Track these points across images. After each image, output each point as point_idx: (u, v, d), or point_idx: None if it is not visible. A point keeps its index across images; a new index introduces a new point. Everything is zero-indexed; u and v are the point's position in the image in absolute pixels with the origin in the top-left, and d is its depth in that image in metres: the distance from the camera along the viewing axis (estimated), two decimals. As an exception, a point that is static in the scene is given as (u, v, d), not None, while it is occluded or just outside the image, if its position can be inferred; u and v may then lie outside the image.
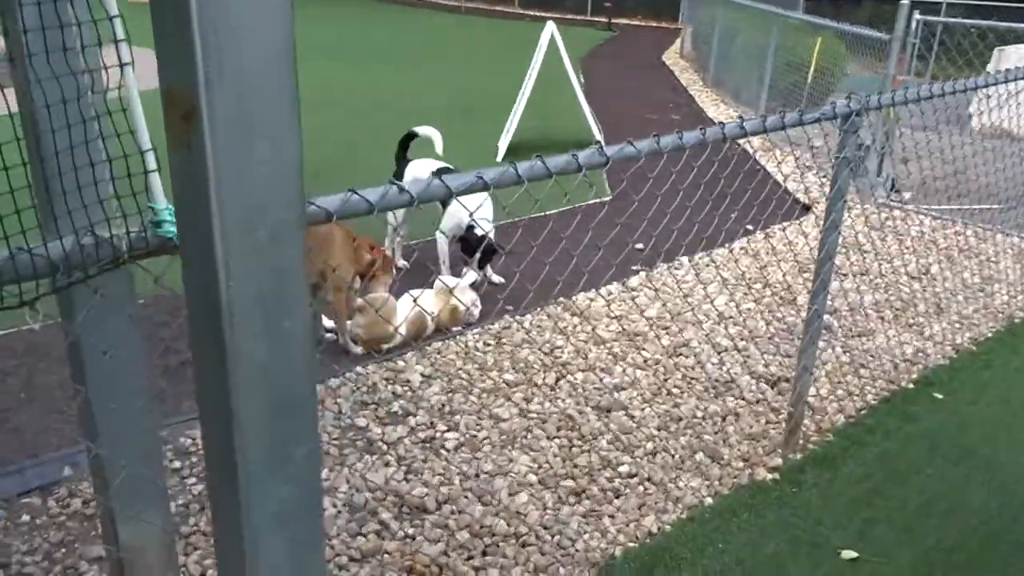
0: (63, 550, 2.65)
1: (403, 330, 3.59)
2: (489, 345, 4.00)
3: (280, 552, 1.20)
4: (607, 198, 6.12)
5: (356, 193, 1.51)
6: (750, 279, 4.77)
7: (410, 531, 2.72)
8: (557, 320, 4.22)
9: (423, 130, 4.85)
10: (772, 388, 3.62)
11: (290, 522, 1.19)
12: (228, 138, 0.94)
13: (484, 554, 2.64)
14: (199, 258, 1.02)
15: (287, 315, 1.09)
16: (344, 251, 3.85)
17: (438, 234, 4.75)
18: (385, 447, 3.17)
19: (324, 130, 7.82)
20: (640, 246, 4.90)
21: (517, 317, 4.26)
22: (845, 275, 4.78)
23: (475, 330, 4.13)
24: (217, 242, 0.98)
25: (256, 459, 1.11)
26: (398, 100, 9.69)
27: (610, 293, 4.51)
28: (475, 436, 3.24)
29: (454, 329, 4.16)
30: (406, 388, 3.59)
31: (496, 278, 4.80)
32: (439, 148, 4.79)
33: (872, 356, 3.92)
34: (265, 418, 1.10)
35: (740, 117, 2.43)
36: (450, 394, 3.54)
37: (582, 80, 11.12)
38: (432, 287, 4.05)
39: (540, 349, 3.90)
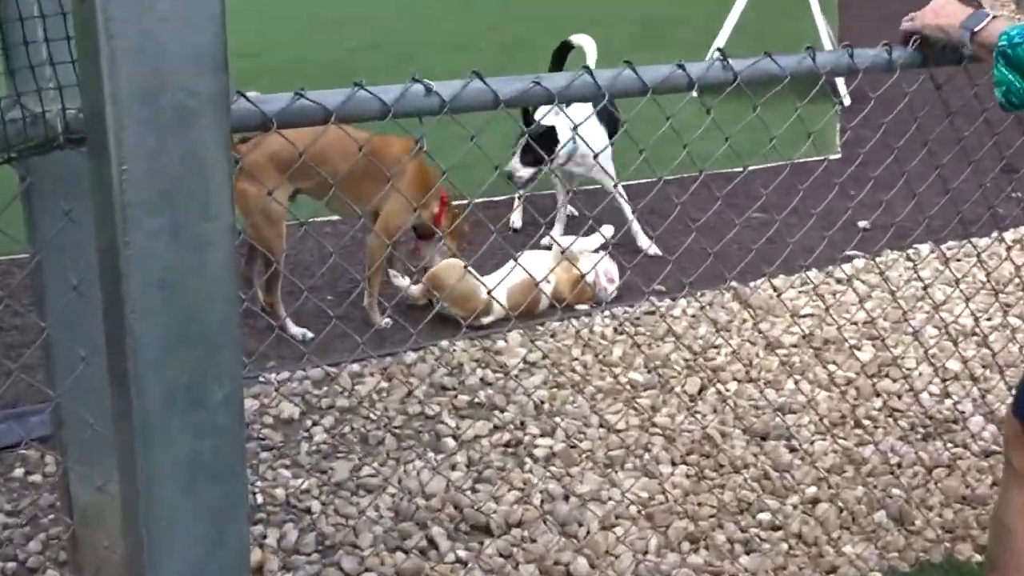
0: (53, 516, 2.93)
1: (503, 301, 3.65)
2: (621, 334, 4.02)
3: (188, 516, 1.29)
4: (834, 156, 5.92)
5: (365, 89, 1.57)
6: (1016, 283, 4.50)
7: (463, 554, 2.82)
8: (720, 310, 4.17)
9: (577, 39, 5.05)
10: (1012, 438, 3.43)
11: (201, 480, 1.28)
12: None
13: (553, 599, 2.70)
14: (94, 134, 1.12)
15: (203, 216, 1.17)
16: (411, 190, 3.97)
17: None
18: (455, 445, 3.27)
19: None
20: (865, 224, 4.72)
21: (667, 301, 4.25)
22: None
23: (607, 311, 4.16)
24: (108, 113, 1.08)
25: (156, 394, 1.20)
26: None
27: (804, 283, 4.39)
28: (574, 447, 3.29)
29: (580, 307, 4.20)
30: (499, 375, 3.68)
31: (653, 249, 4.80)
32: (592, 60, 4.91)
33: None
34: (169, 342, 1.19)
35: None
36: (555, 389, 3.61)
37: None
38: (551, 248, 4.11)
39: (688, 347, 3.88)
